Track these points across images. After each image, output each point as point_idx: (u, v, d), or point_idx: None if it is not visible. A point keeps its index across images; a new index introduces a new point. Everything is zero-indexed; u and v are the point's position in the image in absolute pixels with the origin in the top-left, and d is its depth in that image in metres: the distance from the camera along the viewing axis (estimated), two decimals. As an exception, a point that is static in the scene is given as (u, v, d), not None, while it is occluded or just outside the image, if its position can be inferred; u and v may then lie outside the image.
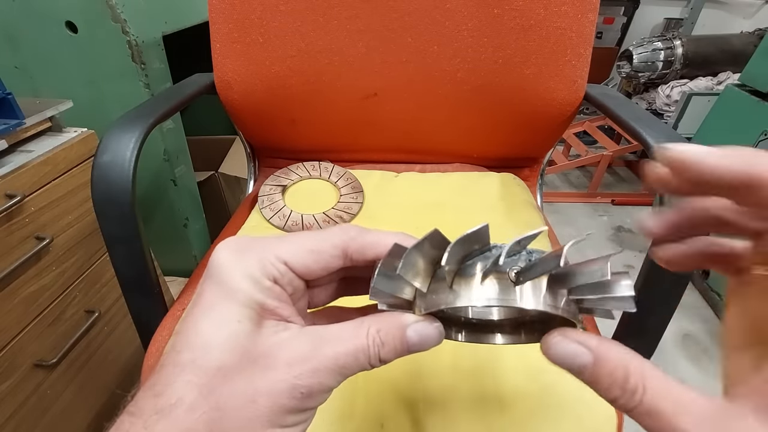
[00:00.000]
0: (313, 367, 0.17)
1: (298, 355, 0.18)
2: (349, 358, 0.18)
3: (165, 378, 0.17)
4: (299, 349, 0.18)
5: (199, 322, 0.18)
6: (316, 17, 0.62)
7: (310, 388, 0.17)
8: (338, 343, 0.18)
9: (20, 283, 0.58)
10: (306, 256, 0.20)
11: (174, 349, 0.18)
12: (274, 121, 0.72)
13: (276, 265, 0.19)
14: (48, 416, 0.66)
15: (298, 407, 0.17)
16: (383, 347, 0.18)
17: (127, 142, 0.45)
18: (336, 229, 0.21)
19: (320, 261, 0.20)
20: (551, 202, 1.72)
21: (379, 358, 0.19)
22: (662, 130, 0.46)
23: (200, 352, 0.17)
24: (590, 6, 0.59)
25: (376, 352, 0.18)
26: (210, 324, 0.18)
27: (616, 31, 2.24)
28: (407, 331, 0.19)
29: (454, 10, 0.61)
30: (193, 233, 1.02)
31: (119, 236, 0.45)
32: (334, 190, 0.68)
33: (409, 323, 0.19)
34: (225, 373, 0.17)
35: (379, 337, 0.18)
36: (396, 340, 0.19)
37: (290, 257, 0.19)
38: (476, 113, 0.69)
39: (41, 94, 0.82)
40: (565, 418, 0.37)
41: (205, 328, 0.18)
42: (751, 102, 1.14)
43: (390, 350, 0.19)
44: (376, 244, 0.20)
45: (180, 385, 0.17)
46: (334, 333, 0.19)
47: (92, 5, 0.71)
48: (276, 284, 0.19)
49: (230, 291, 0.18)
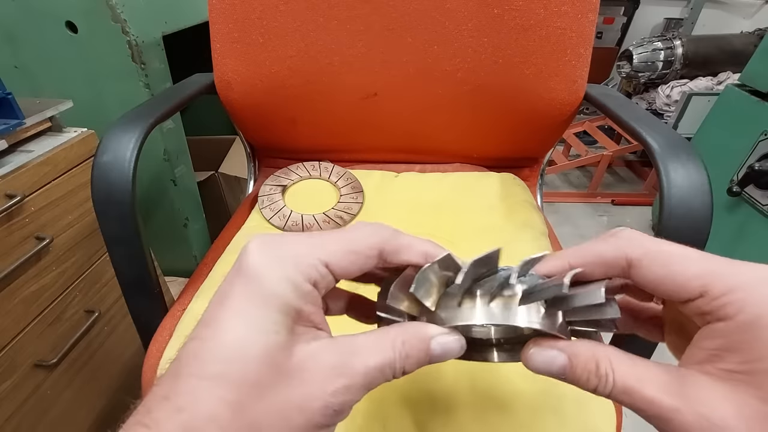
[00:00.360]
0: (345, 385, 0.17)
1: (332, 370, 0.17)
2: (377, 372, 0.18)
3: (188, 391, 0.16)
4: (332, 363, 0.17)
5: (231, 329, 0.16)
6: (316, 17, 0.62)
7: (343, 405, 0.17)
8: (367, 356, 0.18)
9: (20, 283, 0.58)
10: (345, 258, 0.19)
11: (199, 358, 0.16)
12: (274, 121, 0.72)
13: (318, 267, 0.18)
14: (48, 416, 0.66)
15: (329, 423, 0.17)
16: (408, 360, 0.18)
17: (127, 142, 0.45)
18: (370, 229, 0.20)
19: (357, 262, 0.19)
20: (551, 202, 1.72)
21: (403, 371, 0.18)
22: (662, 130, 0.46)
23: (233, 366, 0.16)
24: (590, 6, 0.59)
25: (401, 366, 0.18)
26: (243, 333, 0.16)
27: (616, 31, 2.24)
28: (431, 344, 0.19)
29: (454, 10, 0.61)
30: (193, 233, 1.02)
31: (119, 236, 0.45)
32: (334, 190, 0.68)
33: (434, 335, 0.19)
34: (259, 388, 0.16)
35: (404, 350, 0.18)
36: (421, 353, 0.19)
37: (331, 259, 0.18)
38: (476, 113, 0.69)
39: (41, 94, 0.82)
40: (565, 418, 0.37)
41: (238, 337, 0.16)
42: (751, 102, 1.14)
43: (414, 362, 0.19)
44: (409, 248, 0.20)
45: (210, 402, 0.15)
46: (362, 345, 0.18)
47: (92, 5, 0.71)
48: (314, 288, 0.18)
49: (266, 295, 0.17)
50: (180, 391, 0.16)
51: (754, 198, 1.09)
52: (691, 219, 0.39)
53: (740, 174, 1.12)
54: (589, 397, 0.38)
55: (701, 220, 0.39)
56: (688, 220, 0.39)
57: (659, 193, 0.41)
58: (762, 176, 1.05)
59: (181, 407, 0.15)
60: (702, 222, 0.39)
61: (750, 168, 1.07)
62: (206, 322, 0.17)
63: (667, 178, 0.41)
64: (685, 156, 0.42)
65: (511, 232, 0.58)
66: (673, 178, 0.41)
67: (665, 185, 0.40)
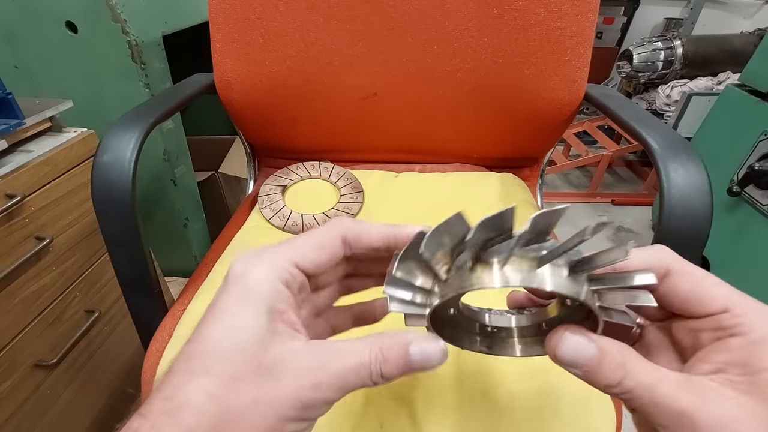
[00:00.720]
0: (316, 382, 0.18)
1: (305, 368, 0.18)
2: (351, 373, 0.19)
3: (176, 383, 0.18)
4: (306, 362, 0.18)
5: (213, 328, 0.18)
6: (316, 17, 0.62)
7: (312, 401, 0.18)
8: (342, 358, 0.19)
9: (20, 283, 0.58)
10: (313, 253, 0.21)
11: (186, 356, 0.18)
12: (274, 121, 0.72)
13: (288, 268, 0.20)
14: (48, 416, 0.66)
15: (300, 417, 0.18)
16: (385, 363, 0.19)
17: (127, 142, 0.45)
18: (332, 222, 0.23)
19: (324, 253, 0.21)
20: (551, 202, 1.72)
21: (381, 374, 0.19)
22: (662, 130, 0.46)
23: (213, 359, 0.18)
24: (590, 6, 0.59)
25: (377, 369, 0.19)
26: (224, 330, 0.18)
27: (616, 31, 2.24)
28: (410, 348, 0.19)
29: (454, 10, 0.61)
30: (193, 233, 1.02)
31: (119, 236, 0.45)
32: (334, 190, 0.68)
33: (411, 340, 0.20)
34: (237, 382, 0.17)
35: (381, 354, 0.19)
36: (399, 357, 0.19)
37: (299, 257, 0.20)
38: (476, 113, 0.69)
39: (41, 94, 0.82)
40: (564, 419, 0.37)
41: (219, 335, 0.18)
42: (751, 102, 1.14)
43: (392, 367, 0.19)
44: (368, 232, 0.22)
45: (190, 389, 0.17)
46: (338, 348, 0.19)
47: (92, 5, 0.71)
48: (287, 288, 0.20)
49: (245, 296, 0.19)
50: (168, 383, 0.18)
51: (754, 198, 1.09)
52: (691, 219, 0.39)
53: (740, 174, 1.12)
54: (589, 398, 0.38)
55: (701, 220, 0.39)
56: (688, 220, 0.39)
57: (659, 193, 0.41)
58: (762, 176, 1.05)
59: (168, 396, 0.17)
60: (702, 222, 0.39)
61: (750, 168, 1.07)
62: (197, 326, 0.19)
63: (667, 178, 0.41)
64: (685, 156, 0.42)
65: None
66: (673, 178, 0.41)
67: (665, 185, 0.40)
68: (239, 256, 0.21)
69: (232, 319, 0.19)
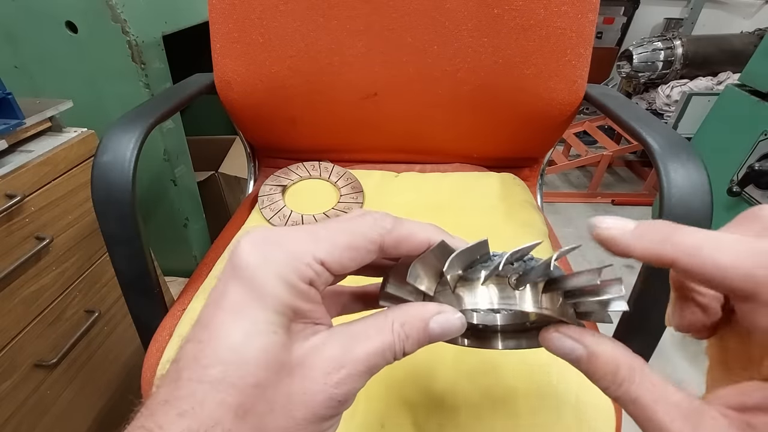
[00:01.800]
0: (348, 374, 0.17)
1: (332, 361, 0.17)
2: (378, 356, 0.18)
3: (189, 395, 0.15)
4: (332, 355, 0.17)
5: (229, 332, 0.16)
6: (316, 17, 0.62)
7: (347, 395, 0.17)
8: (367, 342, 0.18)
9: (20, 283, 0.58)
10: (343, 254, 0.18)
11: (198, 361, 0.16)
12: (274, 121, 0.72)
13: (313, 266, 0.17)
14: (48, 416, 0.66)
15: (334, 414, 0.17)
16: (407, 341, 0.18)
17: (127, 142, 0.45)
18: (370, 221, 0.19)
19: (356, 258, 0.19)
20: (551, 202, 1.72)
21: (404, 352, 0.19)
22: (662, 130, 0.46)
23: (233, 368, 0.16)
24: (590, 6, 0.59)
25: (401, 347, 0.18)
26: (241, 334, 0.16)
27: (616, 31, 2.24)
28: (430, 323, 0.19)
29: (454, 10, 0.61)
30: (193, 233, 1.02)
31: (119, 236, 0.45)
32: (334, 190, 0.68)
33: (432, 315, 0.19)
34: (261, 390, 0.16)
35: (403, 332, 0.18)
36: (420, 333, 0.19)
37: (328, 257, 0.18)
38: (476, 113, 0.69)
39: (41, 94, 0.82)
40: (564, 418, 0.37)
41: (236, 339, 0.16)
42: (751, 102, 1.14)
43: (414, 342, 0.19)
44: (411, 237, 0.20)
45: (213, 407, 0.15)
46: (360, 331, 0.18)
47: (92, 5, 0.71)
48: (312, 287, 0.18)
49: (262, 295, 0.17)
50: (181, 396, 0.16)
51: (754, 198, 1.09)
52: (691, 219, 0.39)
53: (740, 174, 1.12)
54: (589, 399, 0.38)
55: (701, 220, 0.39)
56: (688, 220, 0.39)
57: (659, 193, 0.41)
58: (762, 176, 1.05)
59: (183, 412, 0.15)
60: (702, 222, 0.39)
61: (750, 168, 1.07)
62: (203, 323, 0.17)
63: (667, 178, 0.41)
64: (685, 156, 0.42)
65: (511, 232, 0.58)
66: (673, 178, 0.41)
67: (665, 185, 0.40)
68: (251, 240, 0.18)
69: (247, 321, 0.16)
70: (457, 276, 0.19)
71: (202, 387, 0.15)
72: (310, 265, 0.17)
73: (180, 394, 0.16)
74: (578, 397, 0.38)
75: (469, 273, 0.20)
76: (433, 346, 0.20)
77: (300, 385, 0.17)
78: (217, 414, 0.15)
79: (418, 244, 0.20)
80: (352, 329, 0.18)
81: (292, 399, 0.16)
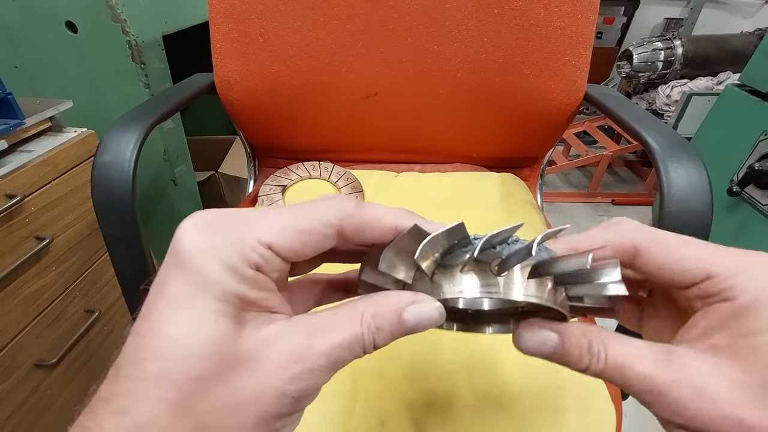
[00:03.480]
0: (305, 369, 0.16)
1: (288, 355, 0.16)
2: (344, 350, 0.16)
3: (127, 392, 0.15)
4: (288, 348, 0.16)
5: (168, 323, 0.15)
6: (316, 17, 0.62)
7: (302, 391, 0.16)
8: (330, 334, 0.16)
9: (20, 283, 0.58)
10: (293, 238, 0.17)
11: (137, 356, 0.15)
12: (274, 121, 0.72)
13: (258, 249, 0.16)
14: (47, 416, 0.66)
15: (288, 412, 0.16)
16: (378, 333, 0.17)
17: (127, 142, 0.45)
18: (326, 204, 0.18)
19: (310, 243, 0.17)
20: (551, 202, 1.72)
21: (374, 345, 0.17)
22: (662, 130, 0.46)
23: (172, 363, 0.15)
24: (590, 6, 0.59)
25: (371, 340, 0.17)
26: (180, 325, 0.15)
27: (616, 31, 2.24)
28: (403, 314, 0.17)
29: (454, 10, 0.61)
30: (193, 233, 1.02)
31: (119, 236, 0.45)
32: (334, 190, 0.68)
33: (406, 305, 0.17)
34: (204, 384, 0.15)
35: (374, 323, 0.17)
36: (393, 325, 0.17)
37: (275, 239, 0.16)
38: (476, 113, 0.69)
39: (41, 94, 0.82)
40: (564, 417, 0.37)
41: (176, 331, 0.15)
42: (751, 102, 1.14)
43: (386, 335, 0.17)
44: (376, 222, 0.18)
45: (150, 404, 0.14)
46: (324, 323, 0.17)
47: (92, 5, 0.71)
48: (259, 272, 0.16)
49: (204, 283, 0.15)
50: (119, 392, 0.15)
51: (754, 198, 1.09)
52: (691, 219, 0.39)
53: (740, 174, 1.12)
54: (589, 398, 0.38)
55: (701, 220, 0.39)
56: (688, 220, 0.39)
57: (659, 193, 0.41)
58: (762, 176, 1.05)
59: (122, 410, 0.14)
60: (702, 222, 0.39)
61: (750, 168, 1.07)
62: (144, 314, 0.16)
63: (667, 178, 0.41)
64: (685, 156, 0.42)
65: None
66: (673, 178, 0.41)
67: (665, 185, 0.40)
68: (192, 223, 0.16)
69: (187, 311, 0.15)
70: (433, 262, 0.18)
71: (140, 383, 0.15)
72: (255, 249, 0.16)
73: (118, 391, 0.15)
74: (578, 396, 0.38)
75: (448, 259, 0.18)
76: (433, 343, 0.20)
77: (248, 379, 0.15)
78: (155, 411, 0.14)
79: (384, 231, 0.18)
80: (316, 320, 0.17)
81: (239, 394, 0.15)
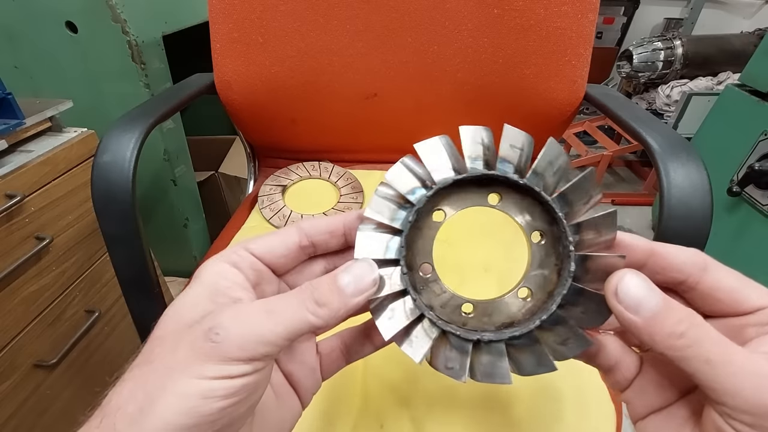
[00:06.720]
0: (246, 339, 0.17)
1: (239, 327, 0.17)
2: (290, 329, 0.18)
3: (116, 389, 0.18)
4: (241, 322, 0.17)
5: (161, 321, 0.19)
6: (316, 17, 0.62)
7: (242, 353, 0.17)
8: (272, 317, 0.18)
9: (20, 283, 0.58)
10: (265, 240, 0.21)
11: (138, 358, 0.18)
12: (274, 121, 0.72)
13: (237, 251, 0.21)
14: (47, 416, 0.66)
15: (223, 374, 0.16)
16: (324, 308, 0.18)
17: (127, 142, 0.45)
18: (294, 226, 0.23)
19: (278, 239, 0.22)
20: (551, 202, 1.72)
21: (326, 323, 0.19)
22: (662, 130, 0.46)
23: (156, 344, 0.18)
24: (590, 6, 0.59)
25: (316, 319, 0.18)
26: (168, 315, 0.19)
27: (616, 31, 2.24)
28: (338, 281, 0.19)
29: (454, 10, 0.61)
30: (193, 233, 1.02)
31: (119, 236, 0.45)
32: (334, 190, 0.68)
33: (339, 272, 0.19)
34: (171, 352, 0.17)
35: (315, 303, 0.18)
36: (333, 295, 0.19)
37: (251, 244, 0.21)
38: (476, 113, 0.69)
39: (41, 94, 0.82)
40: (564, 419, 0.37)
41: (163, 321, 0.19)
42: (751, 102, 1.14)
43: (333, 310, 0.19)
44: (320, 221, 0.23)
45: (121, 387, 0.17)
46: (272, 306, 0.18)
47: (92, 5, 0.71)
48: (233, 267, 0.20)
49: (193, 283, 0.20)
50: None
51: (754, 198, 1.09)
52: (691, 219, 0.39)
53: (740, 174, 1.12)
54: (589, 399, 0.38)
55: (701, 220, 0.39)
56: (688, 220, 0.39)
57: (659, 193, 0.41)
58: (762, 176, 1.05)
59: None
60: (702, 222, 0.39)
61: (750, 168, 1.07)
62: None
63: (667, 178, 0.41)
64: (685, 156, 0.42)
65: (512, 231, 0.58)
66: (673, 178, 0.41)
67: (665, 185, 0.40)
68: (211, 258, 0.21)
69: (177, 302, 0.19)
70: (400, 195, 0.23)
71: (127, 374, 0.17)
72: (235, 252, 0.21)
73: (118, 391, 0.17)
74: (579, 397, 0.38)
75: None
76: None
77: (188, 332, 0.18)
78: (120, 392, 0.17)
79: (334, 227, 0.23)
80: (266, 303, 0.18)
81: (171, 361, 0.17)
